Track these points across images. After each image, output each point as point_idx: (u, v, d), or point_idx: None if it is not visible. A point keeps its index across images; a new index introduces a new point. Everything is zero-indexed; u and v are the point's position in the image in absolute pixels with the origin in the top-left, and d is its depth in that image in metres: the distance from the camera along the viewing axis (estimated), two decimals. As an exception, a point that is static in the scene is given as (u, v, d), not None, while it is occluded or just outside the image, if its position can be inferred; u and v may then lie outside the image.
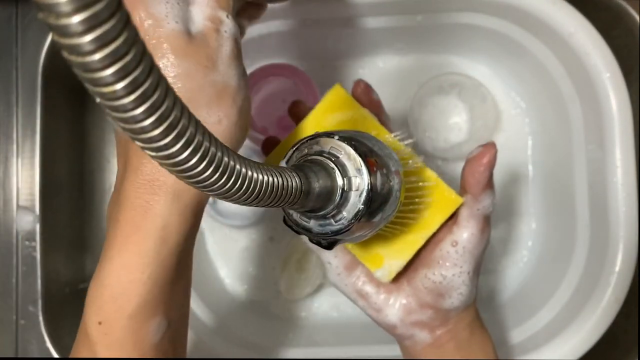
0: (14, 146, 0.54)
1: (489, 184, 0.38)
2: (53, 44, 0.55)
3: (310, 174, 0.27)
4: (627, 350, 0.54)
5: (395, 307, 0.39)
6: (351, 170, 0.30)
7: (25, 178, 0.54)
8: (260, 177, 0.22)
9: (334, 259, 0.40)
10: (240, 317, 0.58)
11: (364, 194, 0.30)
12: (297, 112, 0.42)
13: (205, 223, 0.61)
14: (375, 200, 0.30)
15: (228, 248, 0.61)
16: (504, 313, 0.56)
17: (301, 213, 0.30)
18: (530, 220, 0.60)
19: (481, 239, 0.38)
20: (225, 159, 0.20)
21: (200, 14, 0.29)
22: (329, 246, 0.32)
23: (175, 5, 0.29)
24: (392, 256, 0.38)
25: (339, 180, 0.29)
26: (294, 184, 0.25)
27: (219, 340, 0.53)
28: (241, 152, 0.62)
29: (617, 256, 0.48)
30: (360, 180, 0.30)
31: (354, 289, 0.40)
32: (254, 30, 0.54)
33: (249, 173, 0.21)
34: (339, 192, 0.29)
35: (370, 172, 0.30)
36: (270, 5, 0.51)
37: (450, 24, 0.55)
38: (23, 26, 0.55)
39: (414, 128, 0.59)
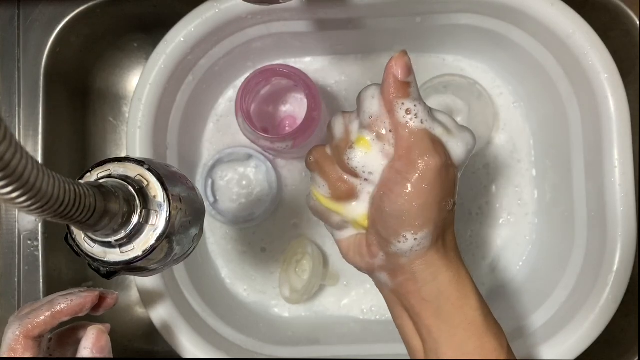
0: (16, 146, 0.54)
1: (401, 93, 0.34)
2: (55, 45, 0.55)
3: (109, 196, 0.26)
4: (625, 350, 0.54)
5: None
6: (152, 204, 0.29)
7: (27, 178, 0.54)
8: (51, 190, 0.21)
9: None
10: (241, 317, 0.58)
11: (159, 230, 0.29)
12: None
13: (206, 223, 0.61)
14: (170, 241, 0.29)
15: (229, 248, 0.61)
16: (502, 312, 0.56)
17: (87, 235, 0.29)
18: (529, 219, 0.60)
19: (414, 158, 0.33)
20: (15, 162, 0.19)
21: None
22: (108, 275, 0.30)
23: None
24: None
25: (137, 210, 0.28)
26: (88, 203, 0.24)
27: (219, 339, 0.53)
28: (242, 152, 0.62)
29: (615, 255, 0.48)
30: (159, 217, 0.29)
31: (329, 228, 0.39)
32: (255, 31, 0.55)
33: (37, 184, 0.20)
34: (135, 222, 0.28)
35: (171, 211, 0.29)
36: (271, 7, 0.52)
37: (450, 25, 0.55)
38: (25, 27, 0.55)
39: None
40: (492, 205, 0.60)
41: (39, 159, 0.54)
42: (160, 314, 0.50)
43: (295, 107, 0.61)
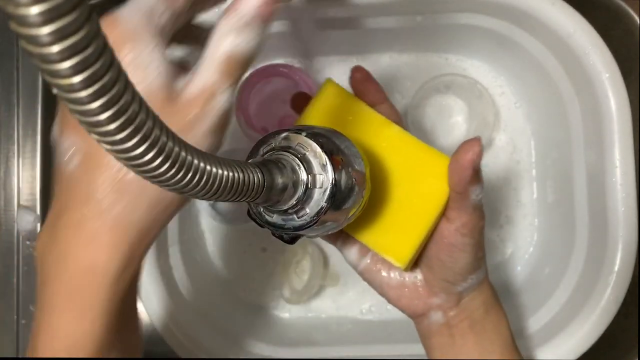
0: (15, 146, 0.54)
1: (475, 180, 0.36)
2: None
3: (274, 170, 0.27)
4: (626, 350, 0.54)
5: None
6: (316, 168, 0.30)
7: (26, 178, 0.54)
8: (220, 172, 0.22)
9: (346, 252, 0.41)
10: (240, 317, 0.58)
11: (328, 191, 0.30)
12: (300, 104, 0.41)
13: (206, 223, 0.61)
14: (339, 198, 0.31)
15: (229, 248, 0.61)
16: (504, 313, 0.56)
17: (264, 207, 0.31)
18: (529, 220, 0.60)
19: (477, 225, 0.38)
20: (183, 153, 0.20)
21: (198, 79, 0.29)
22: (291, 241, 0.33)
23: (162, 59, 0.28)
24: (401, 241, 0.38)
25: (303, 177, 0.30)
26: (255, 180, 0.25)
27: (219, 339, 0.53)
28: (242, 152, 0.62)
29: (616, 256, 0.48)
30: (325, 178, 0.30)
31: (370, 277, 0.40)
32: (254, 30, 0.55)
33: (208, 168, 0.21)
34: (303, 188, 0.30)
35: (335, 170, 0.30)
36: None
37: (450, 25, 0.55)
38: (24, 27, 0.55)
39: (413, 130, 0.59)
40: (492, 206, 0.60)
41: (38, 159, 0.54)
42: (159, 314, 0.50)
43: (295, 107, 0.60)
